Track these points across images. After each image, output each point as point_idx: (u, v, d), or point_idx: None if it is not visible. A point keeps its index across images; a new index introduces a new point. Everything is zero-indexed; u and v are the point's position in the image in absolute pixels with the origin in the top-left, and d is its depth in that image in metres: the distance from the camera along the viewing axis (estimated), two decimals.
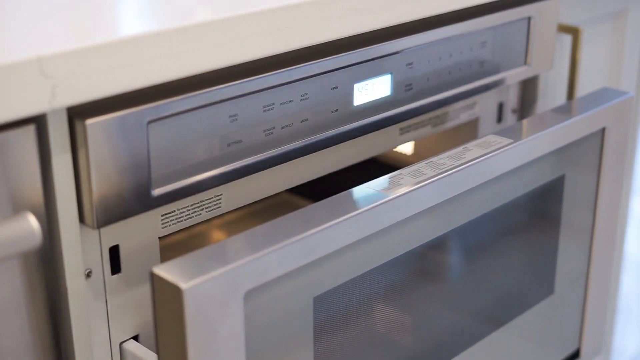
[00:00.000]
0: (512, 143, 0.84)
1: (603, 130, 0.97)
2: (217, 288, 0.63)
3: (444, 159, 0.81)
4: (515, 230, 0.92)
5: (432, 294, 0.84)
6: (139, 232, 0.75)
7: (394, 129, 0.95)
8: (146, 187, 0.71)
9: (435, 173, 0.78)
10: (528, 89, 1.12)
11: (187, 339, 0.62)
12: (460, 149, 0.83)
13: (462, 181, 0.81)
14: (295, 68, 0.78)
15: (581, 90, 1.21)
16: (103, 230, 0.73)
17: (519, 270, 0.94)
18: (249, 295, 0.66)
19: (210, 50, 0.70)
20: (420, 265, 0.82)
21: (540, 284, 0.98)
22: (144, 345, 0.79)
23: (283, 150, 0.80)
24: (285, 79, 0.77)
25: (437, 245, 0.82)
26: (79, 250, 0.70)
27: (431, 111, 0.94)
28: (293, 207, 1.19)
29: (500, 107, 1.09)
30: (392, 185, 0.76)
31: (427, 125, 0.99)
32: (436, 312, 0.86)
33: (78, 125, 0.66)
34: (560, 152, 0.92)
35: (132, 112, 0.68)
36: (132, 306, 0.77)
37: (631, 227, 2.15)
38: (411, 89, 0.89)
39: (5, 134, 0.62)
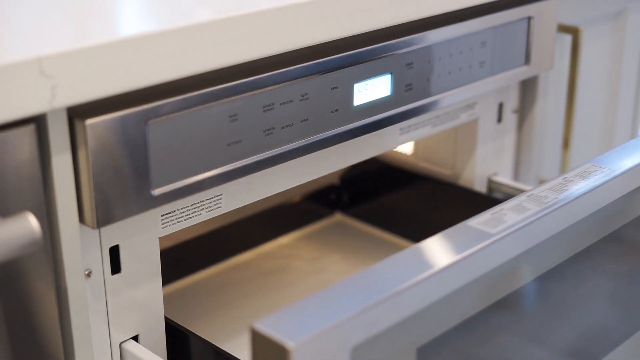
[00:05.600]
0: (613, 172, 0.79)
1: None
2: (326, 345, 0.57)
3: (546, 191, 0.75)
4: (607, 263, 0.86)
5: (525, 333, 0.79)
6: (139, 232, 0.75)
7: (394, 129, 0.95)
8: (146, 187, 0.71)
9: (539, 208, 0.72)
10: (528, 89, 1.12)
11: None
12: (560, 180, 0.77)
13: (567, 216, 0.75)
14: (295, 68, 0.78)
15: (581, 90, 1.21)
16: (103, 230, 0.73)
17: (608, 305, 0.89)
18: (355, 350, 0.59)
19: (210, 50, 0.70)
20: (516, 305, 0.76)
21: (631, 316, 0.92)
22: (144, 346, 0.79)
23: (283, 150, 0.80)
24: (285, 79, 0.77)
25: (532, 283, 0.77)
26: (79, 250, 0.70)
27: (431, 111, 0.94)
28: (347, 229, 1.19)
29: (500, 107, 1.09)
30: (496, 222, 0.70)
31: (427, 125, 0.99)
32: (530, 352, 0.80)
33: (78, 125, 0.66)
34: None
35: (132, 112, 0.68)
36: (132, 306, 0.77)
37: None
38: (411, 89, 0.89)
39: (5, 134, 0.62)
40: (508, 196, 1.10)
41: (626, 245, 0.89)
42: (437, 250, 0.67)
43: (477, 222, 0.70)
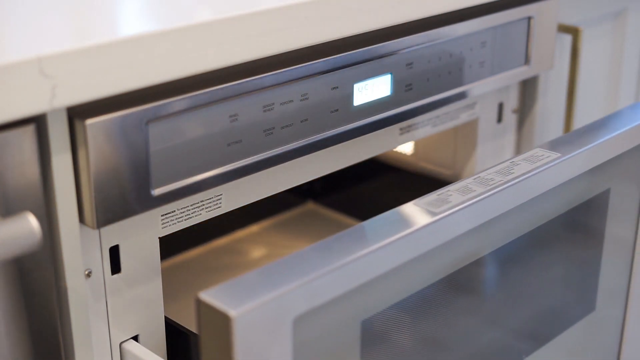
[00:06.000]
0: (560, 157, 0.81)
1: None
2: (267, 315, 0.60)
3: (492, 174, 0.78)
4: (558, 246, 0.89)
5: (476, 313, 0.82)
6: (139, 232, 0.75)
7: (394, 129, 0.95)
8: (146, 187, 0.71)
9: (484, 190, 0.75)
10: (528, 89, 1.12)
11: None
12: (507, 163, 0.80)
13: (512, 197, 0.77)
14: (295, 68, 0.78)
15: (581, 90, 1.21)
16: (103, 230, 0.73)
17: (560, 287, 0.92)
18: (298, 320, 0.63)
19: (210, 50, 0.70)
20: (465, 284, 0.79)
21: (582, 300, 0.95)
22: (144, 345, 0.79)
23: (283, 150, 0.80)
24: (285, 79, 0.77)
25: (481, 263, 0.80)
26: (79, 250, 0.70)
27: (431, 111, 0.94)
28: (318, 217, 1.20)
29: (500, 107, 1.09)
30: (441, 202, 0.73)
31: (427, 125, 0.99)
32: (480, 331, 0.83)
33: (78, 125, 0.66)
34: (607, 165, 0.89)
35: (132, 112, 0.68)
36: (132, 306, 0.77)
37: None
38: (411, 89, 0.89)
39: (5, 134, 0.62)
40: None
41: (575, 228, 0.91)
42: (380, 227, 0.70)
43: (422, 202, 0.74)
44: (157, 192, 0.72)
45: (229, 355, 0.59)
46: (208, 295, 0.60)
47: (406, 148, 1.17)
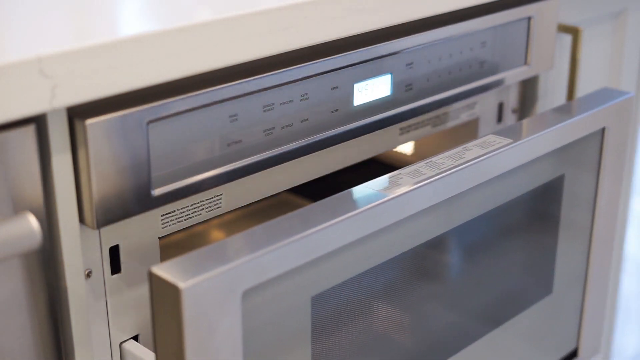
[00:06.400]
0: (511, 143, 0.84)
1: (603, 130, 0.97)
2: (215, 288, 0.63)
3: (444, 158, 0.81)
4: (514, 230, 0.92)
5: (430, 293, 0.84)
6: (139, 232, 0.75)
7: (394, 129, 0.95)
8: (146, 187, 0.71)
9: (434, 173, 0.78)
10: (528, 89, 1.12)
11: (184, 338, 0.62)
12: (459, 149, 0.83)
13: (461, 181, 0.80)
14: (295, 68, 0.78)
15: (581, 90, 1.21)
16: (103, 230, 0.73)
17: (517, 270, 0.94)
18: (247, 294, 0.66)
19: (210, 50, 0.70)
20: (419, 265, 0.82)
21: (538, 283, 0.98)
22: (144, 345, 0.79)
23: (283, 150, 0.80)
24: (285, 79, 0.77)
25: (435, 245, 0.82)
26: (79, 250, 0.70)
27: (431, 111, 0.94)
28: (293, 207, 1.19)
29: (500, 107, 1.09)
30: (392, 185, 0.76)
31: (427, 125, 0.99)
32: (434, 311, 0.85)
33: (78, 125, 0.66)
34: (560, 152, 0.92)
35: (132, 112, 0.68)
36: (132, 306, 0.77)
37: (631, 227, 2.15)
38: (411, 89, 0.89)
39: (5, 134, 0.62)
40: None
41: (530, 213, 0.93)
42: (330, 207, 0.72)
43: (374, 184, 0.77)
44: (157, 192, 0.72)
45: (179, 326, 0.62)
46: (159, 269, 0.63)
47: (406, 148, 1.17)
